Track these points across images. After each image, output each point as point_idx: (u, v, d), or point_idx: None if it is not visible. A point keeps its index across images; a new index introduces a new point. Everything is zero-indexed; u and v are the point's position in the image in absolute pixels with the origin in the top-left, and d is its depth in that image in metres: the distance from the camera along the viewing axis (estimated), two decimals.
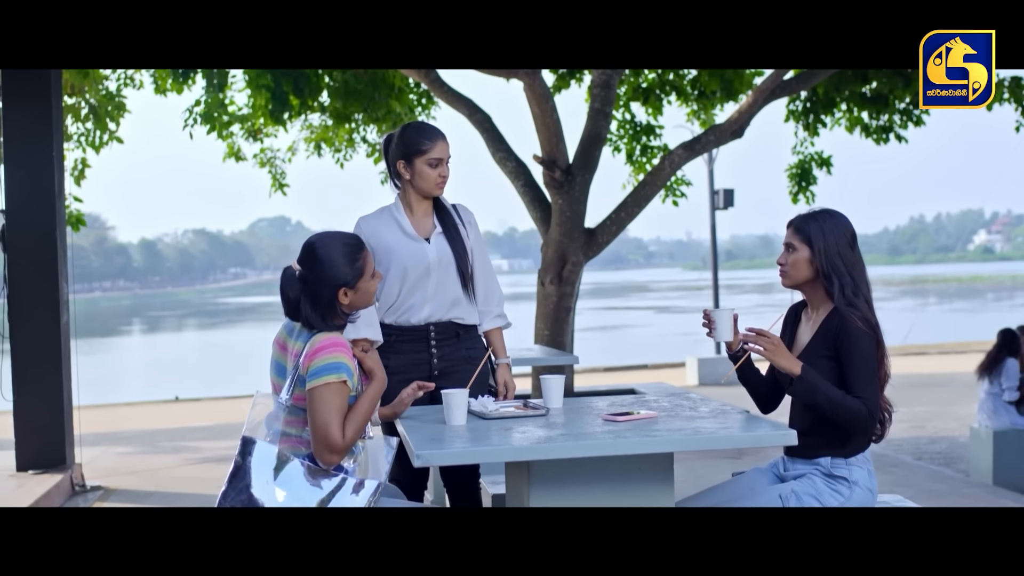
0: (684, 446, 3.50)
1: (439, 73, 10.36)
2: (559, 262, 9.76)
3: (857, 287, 3.89)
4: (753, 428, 3.58)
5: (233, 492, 3.53)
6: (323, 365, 3.53)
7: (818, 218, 3.96)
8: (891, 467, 9.07)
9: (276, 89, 10.88)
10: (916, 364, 21.29)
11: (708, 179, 21.51)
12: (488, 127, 10.18)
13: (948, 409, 14.23)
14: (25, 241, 8.26)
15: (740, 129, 10.01)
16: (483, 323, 4.73)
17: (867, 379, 3.76)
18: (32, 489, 7.52)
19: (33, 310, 8.24)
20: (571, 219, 9.71)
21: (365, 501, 3.52)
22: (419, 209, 4.64)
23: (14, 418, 8.24)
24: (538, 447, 3.43)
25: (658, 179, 10.04)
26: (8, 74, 8.23)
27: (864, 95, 11.48)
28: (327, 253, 3.66)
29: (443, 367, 4.57)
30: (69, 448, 8.31)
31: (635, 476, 3.62)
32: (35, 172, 8.24)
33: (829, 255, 3.89)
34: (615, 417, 3.74)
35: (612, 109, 10.21)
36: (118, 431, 13.06)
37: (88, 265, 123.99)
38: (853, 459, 3.85)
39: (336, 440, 3.50)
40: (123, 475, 9.04)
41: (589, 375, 21.08)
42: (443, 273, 4.57)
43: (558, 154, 9.65)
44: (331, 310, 3.65)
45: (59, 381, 8.27)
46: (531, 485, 3.60)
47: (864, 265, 3.98)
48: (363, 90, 11.31)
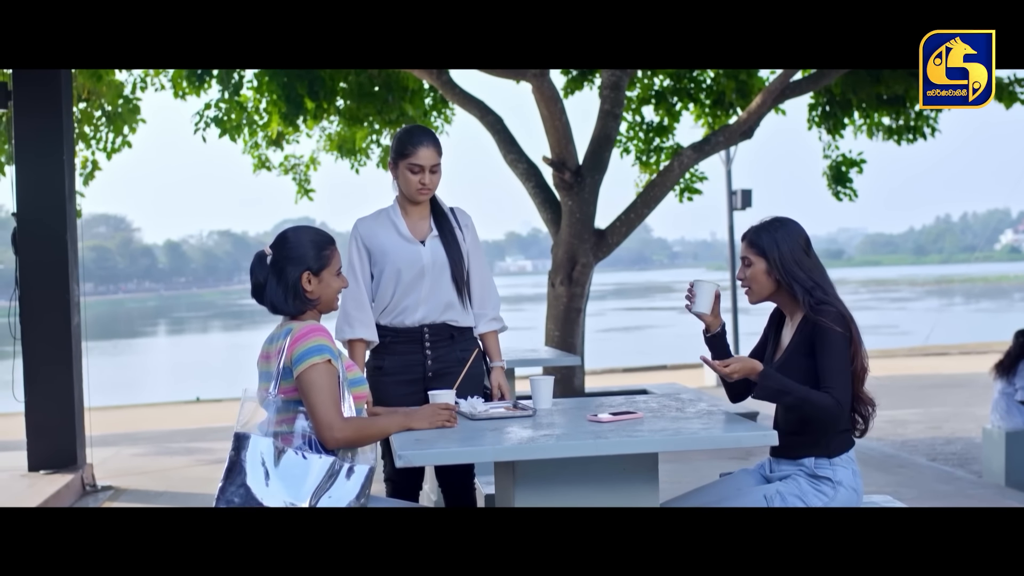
0: (664, 447, 3.52)
1: (451, 76, 10.40)
2: (569, 263, 9.79)
3: (820, 288, 3.90)
4: (734, 429, 3.60)
5: (232, 487, 3.57)
6: (306, 349, 3.62)
7: (769, 228, 3.98)
8: (898, 468, 9.04)
9: (290, 92, 10.94)
10: (937, 365, 21.20)
11: (726, 180, 21.47)
12: (500, 129, 10.22)
13: (966, 410, 14.16)
14: (36, 244, 8.33)
15: (749, 130, 10.01)
16: (479, 326, 4.76)
17: (835, 373, 3.77)
18: (42, 489, 7.58)
19: (44, 312, 8.31)
20: (581, 220, 9.74)
21: (359, 486, 3.56)
22: (415, 212, 4.66)
23: (26, 419, 8.31)
24: (518, 448, 3.46)
25: (668, 180, 10.06)
26: (19, 79, 8.31)
27: (880, 97, 11.44)
28: (296, 237, 3.80)
29: (437, 368, 4.60)
30: (80, 448, 8.38)
31: (619, 476, 3.64)
32: (46, 176, 8.31)
33: (785, 264, 3.91)
34: (599, 418, 3.76)
35: (622, 111, 10.22)
36: (136, 432, 13.14)
37: (113, 267, 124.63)
38: (837, 459, 3.86)
39: (336, 419, 3.58)
40: (134, 475, 9.10)
41: (608, 376, 21.08)
42: (437, 276, 4.60)
43: (567, 156, 9.68)
44: (295, 293, 3.74)
45: (70, 382, 8.34)
46: (516, 485, 3.63)
47: (823, 267, 3.99)
48: (377, 92, 11.36)
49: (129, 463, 9.87)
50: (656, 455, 3.67)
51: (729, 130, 10.15)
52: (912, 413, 13.67)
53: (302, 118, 11.40)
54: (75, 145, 11.50)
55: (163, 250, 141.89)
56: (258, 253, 3.82)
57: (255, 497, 3.52)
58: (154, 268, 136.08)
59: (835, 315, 3.83)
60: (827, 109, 11.82)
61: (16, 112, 8.38)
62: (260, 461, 3.56)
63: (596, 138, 9.94)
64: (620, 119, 10.20)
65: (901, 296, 72.23)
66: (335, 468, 3.56)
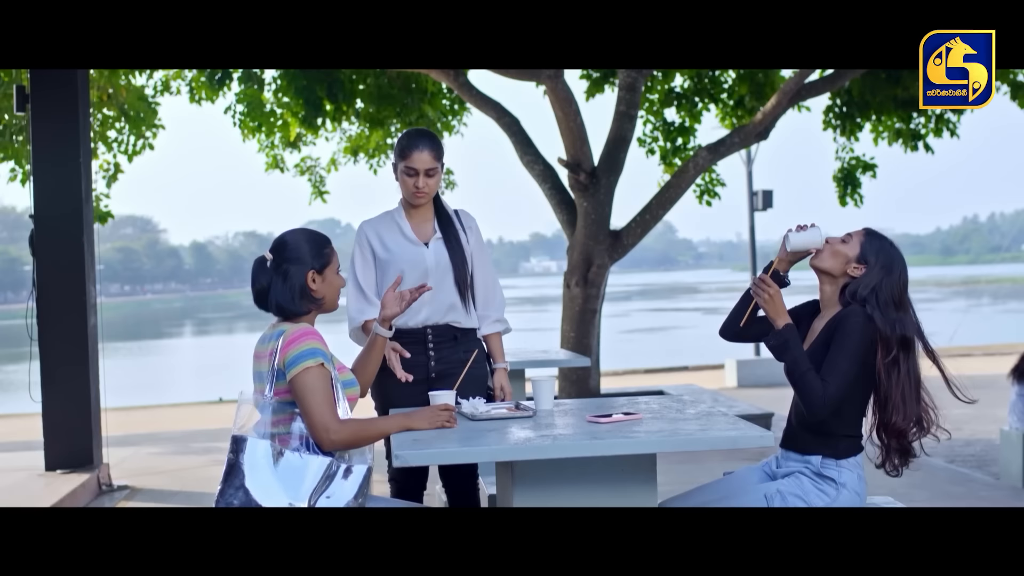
0: (660, 447, 3.53)
1: (468, 78, 10.42)
2: (584, 264, 9.80)
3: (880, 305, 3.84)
4: (731, 430, 3.60)
5: (231, 490, 3.60)
6: (299, 353, 3.63)
7: (891, 250, 3.92)
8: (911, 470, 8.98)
9: (309, 94, 10.99)
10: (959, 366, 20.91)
11: (747, 180, 21.42)
12: (516, 131, 10.24)
13: (987, 411, 14.00)
14: (53, 245, 8.42)
15: (765, 131, 9.99)
16: (482, 328, 4.78)
17: (837, 370, 3.72)
18: (58, 488, 7.65)
19: (61, 313, 8.39)
20: (596, 221, 9.75)
21: (357, 486, 3.58)
22: (419, 213, 4.69)
23: (43, 419, 8.39)
24: (514, 448, 3.48)
25: (683, 181, 10.05)
26: (36, 82, 8.38)
27: (896, 99, 11.38)
28: (295, 239, 3.82)
29: (440, 369, 4.62)
30: (96, 448, 8.45)
31: (617, 477, 3.65)
32: (63, 179, 8.39)
33: (871, 286, 3.84)
34: (598, 419, 3.78)
35: (637, 112, 10.23)
36: (156, 432, 13.21)
37: (139, 268, 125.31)
38: (844, 461, 3.84)
39: (332, 422, 3.59)
40: (151, 475, 9.16)
41: (629, 377, 21.06)
42: (440, 278, 4.62)
43: (583, 157, 9.69)
44: (303, 292, 3.76)
45: (87, 382, 8.41)
46: (515, 485, 3.65)
47: (910, 310, 3.91)
48: (396, 95, 11.40)
49: (146, 463, 9.94)
50: (654, 456, 3.68)
51: (744, 131, 10.13)
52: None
53: (321, 120, 11.45)
54: (96, 148, 11.64)
55: (189, 251, 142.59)
56: (257, 259, 3.84)
57: (254, 499, 3.55)
58: (180, 269, 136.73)
59: (862, 314, 3.78)
60: (843, 110, 11.79)
61: (33, 118, 8.46)
62: (259, 463, 3.59)
63: (611, 139, 9.94)
64: (635, 120, 10.20)
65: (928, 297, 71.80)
66: (333, 468, 3.58)
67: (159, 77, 11.97)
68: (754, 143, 10.36)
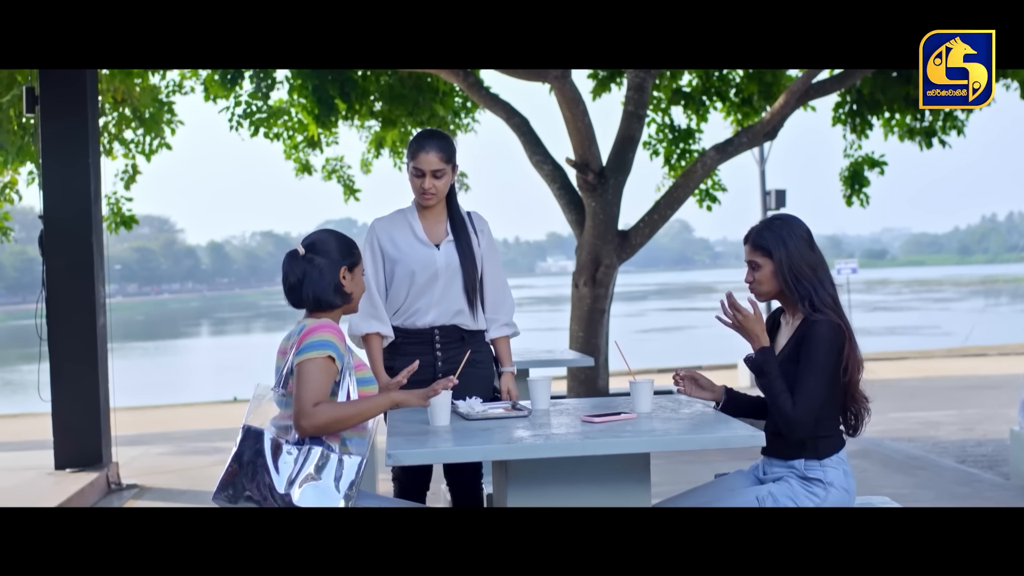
0: (651, 447, 3.54)
1: (477, 78, 10.44)
2: (593, 264, 9.80)
3: (823, 287, 3.88)
4: (722, 430, 3.61)
5: (229, 480, 3.65)
6: (309, 343, 3.65)
7: (773, 227, 3.97)
8: (919, 469, 8.98)
9: (322, 94, 11.03)
10: (974, 366, 20.97)
11: (760, 180, 21.39)
12: (526, 131, 10.25)
13: (1000, 411, 14.00)
14: (63, 246, 8.47)
15: (773, 131, 9.99)
16: (491, 331, 4.79)
17: (806, 389, 3.75)
18: (67, 487, 7.69)
19: (71, 313, 8.44)
20: (604, 221, 9.75)
21: (350, 478, 3.60)
22: (431, 214, 4.70)
23: (52, 418, 8.45)
24: (507, 447, 3.48)
25: (691, 181, 10.05)
26: (45, 83, 8.43)
27: (907, 97, 11.36)
28: (325, 238, 3.87)
29: (447, 370, 4.60)
30: (106, 447, 8.50)
31: (611, 476, 3.66)
32: (72, 179, 8.44)
33: (793, 261, 3.89)
34: (592, 418, 3.79)
35: (646, 112, 10.23)
36: (168, 431, 13.28)
37: (157, 267, 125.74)
38: (827, 460, 3.85)
39: (306, 407, 3.58)
40: (160, 474, 9.21)
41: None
42: (450, 280, 4.63)
43: (591, 157, 9.69)
44: (338, 287, 3.81)
45: (96, 382, 8.46)
46: (509, 485, 3.66)
47: (825, 262, 3.98)
48: (408, 94, 11.42)
49: (156, 462, 9.99)
50: (648, 455, 3.68)
51: (752, 131, 10.12)
52: (945, 415, 13.54)
53: (333, 118, 11.49)
54: (112, 149, 11.70)
55: (206, 251, 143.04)
56: (290, 252, 3.88)
57: (247, 490, 3.58)
58: (197, 269, 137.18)
59: (827, 325, 3.81)
60: (854, 108, 11.76)
61: (43, 119, 8.51)
62: (258, 454, 3.62)
63: (620, 139, 9.95)
64: (644, 120, 10.19)
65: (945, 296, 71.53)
66: (323, 459, 3.59)
67: (172, 77, 12.03)
68: (762, 143, 10.37)
